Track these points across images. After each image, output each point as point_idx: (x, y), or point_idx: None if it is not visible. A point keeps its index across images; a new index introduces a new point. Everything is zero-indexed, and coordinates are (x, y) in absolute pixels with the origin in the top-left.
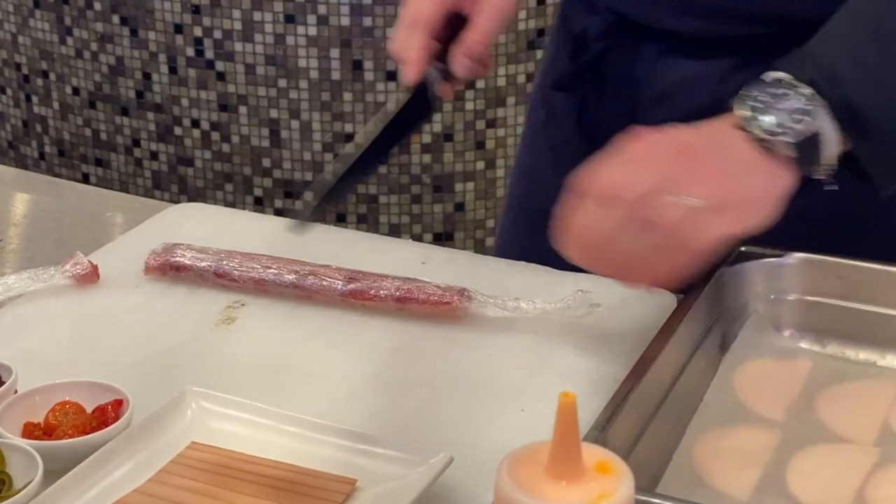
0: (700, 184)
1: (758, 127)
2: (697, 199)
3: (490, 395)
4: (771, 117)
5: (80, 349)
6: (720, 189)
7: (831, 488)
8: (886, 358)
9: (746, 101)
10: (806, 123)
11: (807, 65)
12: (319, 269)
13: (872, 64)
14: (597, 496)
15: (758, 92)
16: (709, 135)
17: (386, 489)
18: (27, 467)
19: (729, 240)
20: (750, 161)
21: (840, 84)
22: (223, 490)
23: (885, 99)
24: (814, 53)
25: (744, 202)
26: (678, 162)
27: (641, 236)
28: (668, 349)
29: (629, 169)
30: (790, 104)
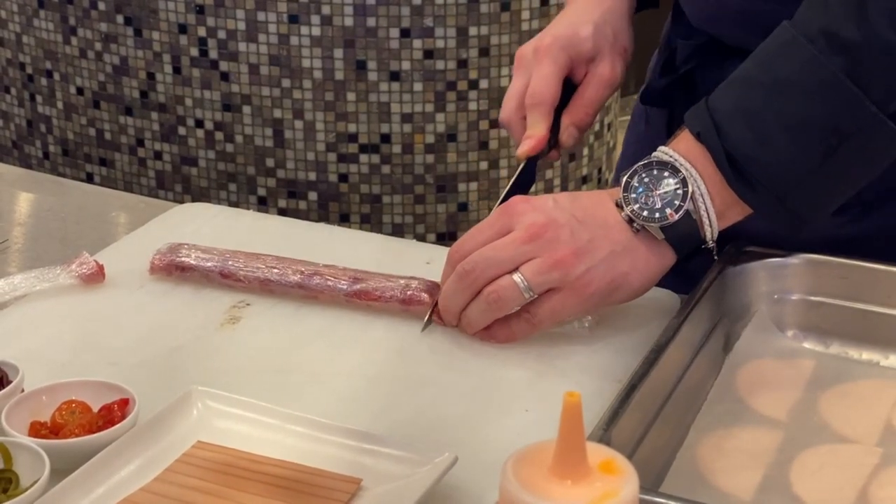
0: (549, 265)
1: (630, 210)
2: (533, 289)
3: (494, 395)
4: (641, 203)
5: (86, 348)
6: (568, 272)
7: (834, 488)
8: (889, 358)
9: (629, 180)
10: (675, 209)
11: (698, 117)
12: (324, 270)
13: (755, 117)
14: (601, 495)
15: (642, 173)
16: (584, 209)
17: (391, 489)
18: (34, 466)
19: (574, 315)
20: (621, 242)
21: (724, 136)
22: (228, 489)
23: (766, 151)
24: (707, 106)
25: (598, 284)
26: (534, 242)
27: (482, 304)
28: (671, 349)
29: (484, 240)
30: (665, 188)
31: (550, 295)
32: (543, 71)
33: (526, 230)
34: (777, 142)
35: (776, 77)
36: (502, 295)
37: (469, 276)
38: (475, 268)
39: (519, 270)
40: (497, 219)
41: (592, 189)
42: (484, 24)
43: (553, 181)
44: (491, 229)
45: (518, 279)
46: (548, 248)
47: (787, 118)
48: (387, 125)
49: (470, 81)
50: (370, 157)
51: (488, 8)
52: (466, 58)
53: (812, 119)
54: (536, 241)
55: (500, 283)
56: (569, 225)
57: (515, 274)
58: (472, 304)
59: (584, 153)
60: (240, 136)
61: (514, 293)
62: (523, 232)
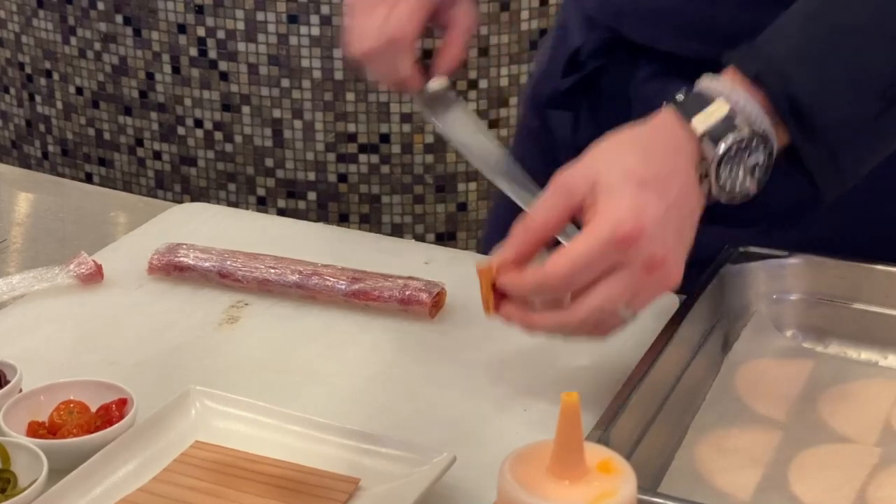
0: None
1: (716, 187)
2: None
3: (493, 395)
4: (729, 179)
5: (85, 348)
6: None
7: (833, 488)
8: (888, 358)
9: (723, 157)
10: (758, 183)
11: (754, 59)
12: (322, 269)
13: (819, 63)
14: (599, 495)
15: (735, 148)
16: (681, 214)
17: (389, 488)
18: (32, 466)
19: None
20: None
21: (786, 80)
22: (227, 489)
23: (830, 99)
24: (762, 49)
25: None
26: (650, 277)
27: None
28: (670, 349)
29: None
30: (754, 160)
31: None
32: (406, 5)
33: (644, 268)
34: (840, 91)
35: (847, 22)
36: (604, 323)
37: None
38: (588, 318)
39: (629, 306)
40: (607, 249)
41: None
42: (483, 24)
43: None
44: (602, 261)
45: (625, 314)
46: (662, 282)
47: (853, 67)
48: (386, 125)
49: (469, 81)
50: (369, 157)
51: (487, 8)
52: (465, 57)
53: (877, 71)
54: (653, 276)
55: (610, 322)
56: (675, 250)
57: (625, 310)
58: (556, 316)
59: None
60: (239, 136)
61: (617, 322)
62: (640, 271)
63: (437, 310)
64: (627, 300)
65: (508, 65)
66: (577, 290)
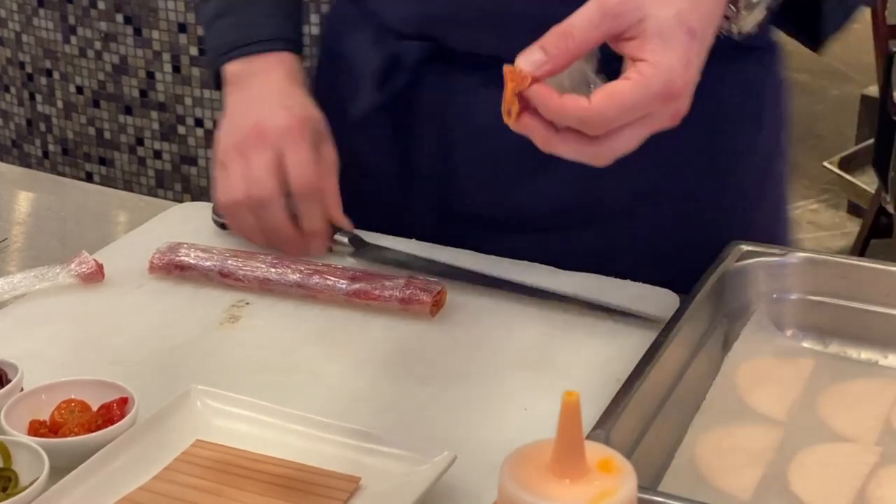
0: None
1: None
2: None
3: (493, 394)
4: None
5: (86, 347)
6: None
7: (833, 487)
8: (888, 357)
9: None
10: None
11: None
12: (323, 269)
13: None
14: (599, 494)
15: None
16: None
17: (389, 487)
18: (33, 464)
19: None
20: None
21: None
22: (227, 488)
23: None
24: None
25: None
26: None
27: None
28: (670, 348)
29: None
30: None
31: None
32: (304, 154)
33: (671, 117)
34: None
35: None
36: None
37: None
38: (610, 156)
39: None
40: (655, 102)
41: None
42: None
43: None
44: (645, 110)
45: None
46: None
47: None
48: None
49: None
50: None
51: None
52: None
53: None
54: (674, 121)
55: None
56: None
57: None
58: (578, 146)
59: None
60: None
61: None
62: (667, 119)
63: (438, 309)
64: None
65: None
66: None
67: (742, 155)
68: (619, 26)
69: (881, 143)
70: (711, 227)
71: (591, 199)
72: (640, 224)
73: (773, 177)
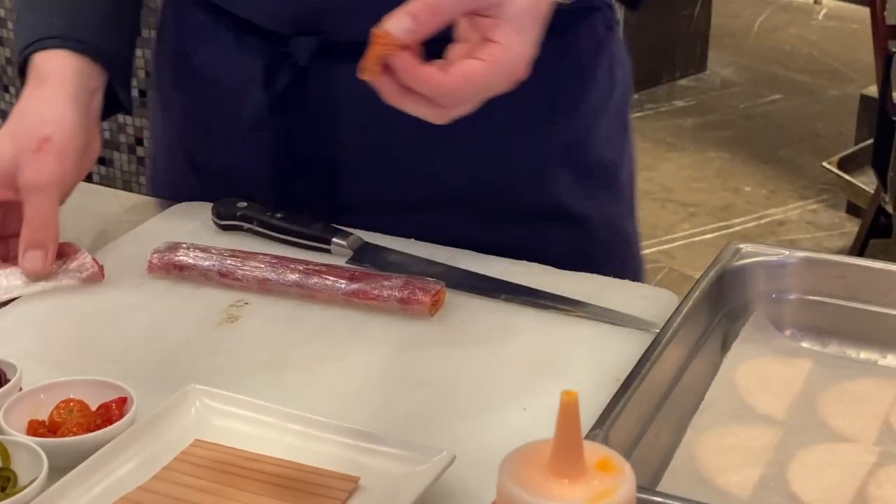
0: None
1: None
2: None
3: (492, 394)
4: None
5: (84, 347)
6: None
7: (832, 487)
8: (887, 357)
9: None
10: None
11: None
12: (322, 269)
13: None
14: (598, 494)
15: None
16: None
17: (388, 487)
18: (32, 464)
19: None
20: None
21: None
22: (226, 487)
23: None
24: None
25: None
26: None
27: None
28: (669, 348)
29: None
30: None
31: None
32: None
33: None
34: None
35: None
36: None
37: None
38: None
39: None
40: (503, 81)
41: None
42: None
43: None
44: (491, 87)
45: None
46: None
47: None
48: None
49: None
50: None
51: None
52: None
53: None
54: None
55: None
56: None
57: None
58: (427, 109)
59: None
60: None
61: None
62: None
63: (437, 309)
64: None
65: None
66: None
67: (599, 111)
68: (481, 4)
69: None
70: (576, 189)
71: (477, 180)
72: (525, 197)
73: (625, 132)
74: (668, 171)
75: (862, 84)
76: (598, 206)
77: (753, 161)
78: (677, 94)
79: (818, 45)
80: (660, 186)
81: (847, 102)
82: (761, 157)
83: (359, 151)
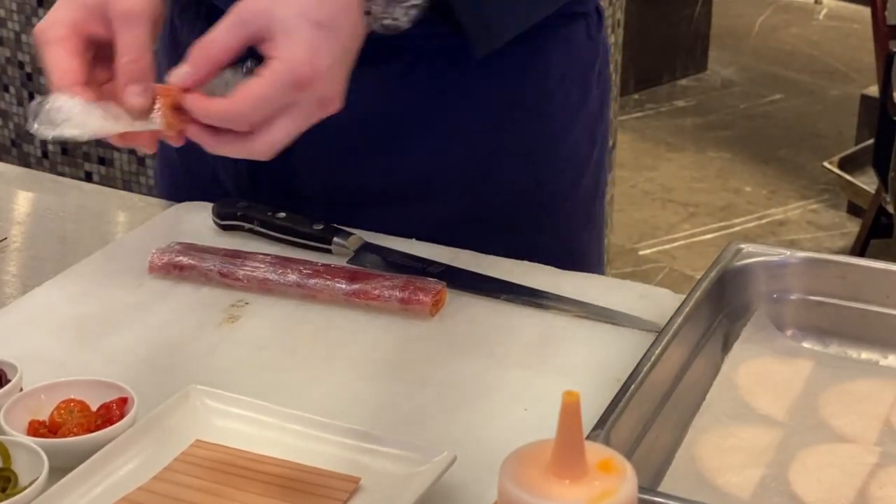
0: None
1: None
2: None
3: (493, 394)
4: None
5: (85, 347)
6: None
7: (833, 487)
8: (888, 358)
9: None
10: None
11: None
12: (323, 269)
13: None
14: (599, 494)
15: None
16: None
17: (389, 487)
18: (32, 465)
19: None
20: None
21: None
22: (227, 488)
23: None
24: None
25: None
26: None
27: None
28: (670, 348)
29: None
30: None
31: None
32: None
33: (317, 105)
34: None
35: None
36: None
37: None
38: (267, 149)
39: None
40: (286, 90)
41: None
42: None
43: None
44: (281, 100)
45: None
46: (329, 112)
47: None
48: None
49: None
50: None
51: None
52: None
53: None
54: (324, 111)
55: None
56: (342, 84)
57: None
58: (238, 143)
59: None
60: None
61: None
62: (314, 108)
63: (437, 309)
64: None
65: None
66: (259, 122)
67: (573, 117)
68: (253, 31)
69: (881, 143)
70: (545, 189)
71: (428, 174)
72: (480, 192)
73: (599, 137)
74: (669, 172)
75: (862, 84)
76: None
77: (754, 161)
78: (678, 94)
79: (819, 45)
80: (660, 186)
81: (848, 102)
82: (762, 157)
83: (307, 141)
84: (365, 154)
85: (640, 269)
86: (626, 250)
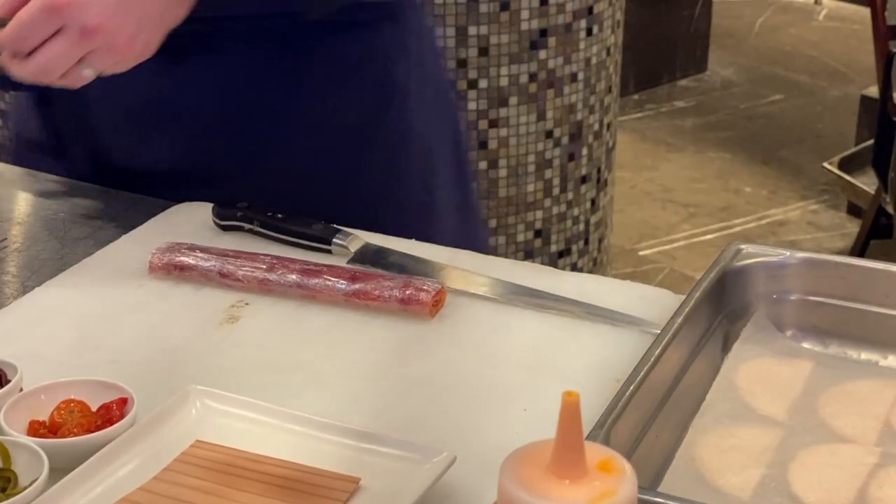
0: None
1: None
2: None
3: (493, 395)
4: None
5: (85, 348)
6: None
7: (833, 488)
8: (888, 358)
9: None
10: None
11: None
12: (323, 269)
13: None
14: (599, 495)
15: None
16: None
17: (389, 488)
18: (32, 465)
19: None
20: None
21: None
22: (227, 488)
23: None
24: None
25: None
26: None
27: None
28: (670, 349)
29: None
30: None
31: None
32: None
33: (81, 34)
34: None
35: None
36: (60, 74)
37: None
38: (38, 71)
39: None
40: (43, 16)
41: (591, 188)
42: (483, 24)
43: (552, 181)
44: (42, 25)
45: (87, 71)
46: (109, 48)
47: None
48: None
49: (469, 81)
50: None
51: (487, 7)
52: (466, 57)
53: None
54: (93, 41)
55: (71, 74)
56: (116, 20)
57: (86, 68)
58: (14, 65)
59: (584, 153)
60: None
61: (80, 76)
62: (78, 36)
63: (437, 309)
64: (81, 60)
65: (508, 64)
66: (31, 47)
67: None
68: None
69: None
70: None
71: (232, 153)
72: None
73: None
74: (669, 172)
75: (862, 84)
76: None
77: (754, 162)
78: (678, 95)
79: (819, 45)
80: (660, 187)
81: (847, 103)
82: (762, 157)
83: (106, 117)
84: (158, 131)
85: (640, 269)
86: (626, 251)
